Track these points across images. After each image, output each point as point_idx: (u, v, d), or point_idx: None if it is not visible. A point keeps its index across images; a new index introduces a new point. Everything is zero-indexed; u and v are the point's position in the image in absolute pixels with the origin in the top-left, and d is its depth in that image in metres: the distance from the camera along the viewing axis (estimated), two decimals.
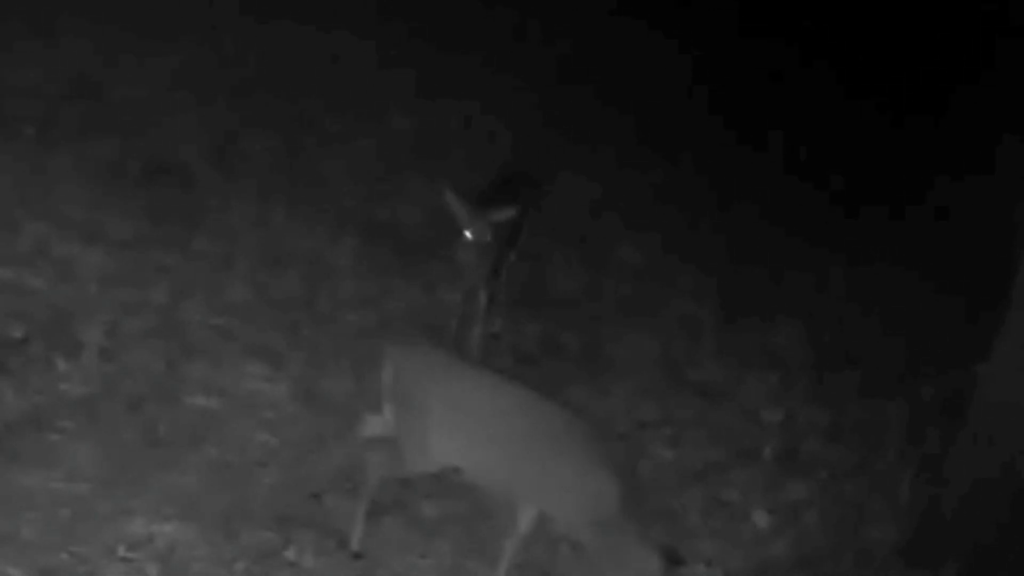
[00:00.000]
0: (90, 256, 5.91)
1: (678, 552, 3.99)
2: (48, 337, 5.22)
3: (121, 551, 4.26)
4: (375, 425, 4.46)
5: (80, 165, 6.68)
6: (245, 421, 5.12)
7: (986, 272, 6.03)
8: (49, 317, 5.36)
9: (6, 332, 5.18)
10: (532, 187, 5.97)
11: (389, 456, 4.32)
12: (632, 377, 6.17)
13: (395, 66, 9.07)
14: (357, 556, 4.46)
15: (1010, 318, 5.03)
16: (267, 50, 8.73)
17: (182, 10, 8.82)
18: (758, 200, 8.54)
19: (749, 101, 9.81)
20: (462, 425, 4.15)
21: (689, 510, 5.23)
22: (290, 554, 4.45)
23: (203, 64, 8.29)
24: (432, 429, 4.16)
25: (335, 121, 8.09)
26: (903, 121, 9.58)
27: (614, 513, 3.99)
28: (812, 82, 10.18)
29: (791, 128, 9.45)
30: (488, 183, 5.93)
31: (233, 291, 5.97)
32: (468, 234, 5.30)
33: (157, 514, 4.45)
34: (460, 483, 5.08)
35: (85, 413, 4.88)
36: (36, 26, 8.02)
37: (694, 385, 6.25)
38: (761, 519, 5.24)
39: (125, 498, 4.49)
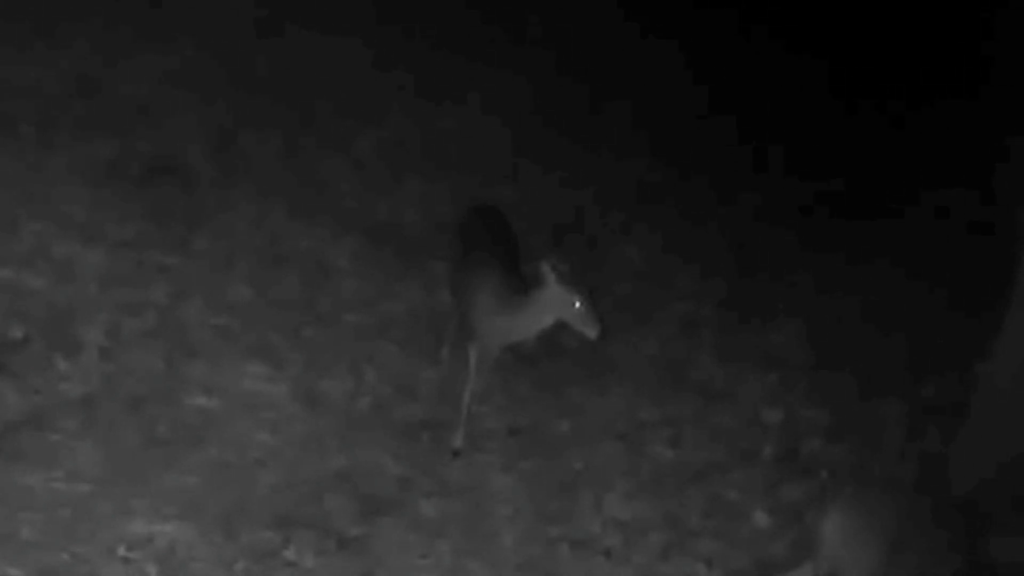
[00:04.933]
0: (90, 256, 5.90)
1: None
2: (48, 337, 5.22)
3: (121, 551, 4.26)
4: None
5: (80, 165, 6.67)
6: (245, 421, 5.12)
7: (986, 272, 6.03)
8: (49, 317, 5.36)
9: (6, 332, 5.18)
10: (500, 219, 5.62)
11: None
12: (632, 377, 6.16)
13: (395, 66, 9.05)
14: None
15: (1010, 318, 5.03)
16: (267, 50, 8.72)
17: (182, 10, 8.80)
18: (758, 200, 8.53)
19: (749, 101, 9.80)
20: (904, 551, 4.37)
21: (689, 510, 5.23)
22: (290, 554, 4.45)
23: (203, 64, 8.27)
24: (883, 562, 4.37)
25: (335, 121, 8.08)
26: (903, 121, 9.58)
27: None
28: (812, 82, 10.18)
29: (791, 128, 9.44)
30: (462, 217, 5.70)
31: (233, 291, 5.96)
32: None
33: (157, 514, 4.46)
34: (460, 483, 5.10)
35: (85, 413, 4.88)
36: (36, 26, 8.01)
37: (694, 385, 6.24)
38: (761, 519, 5.24)
39: (125, 498, 4.50)
